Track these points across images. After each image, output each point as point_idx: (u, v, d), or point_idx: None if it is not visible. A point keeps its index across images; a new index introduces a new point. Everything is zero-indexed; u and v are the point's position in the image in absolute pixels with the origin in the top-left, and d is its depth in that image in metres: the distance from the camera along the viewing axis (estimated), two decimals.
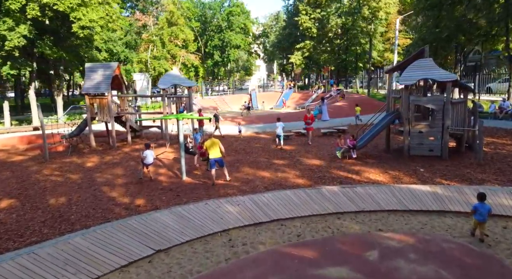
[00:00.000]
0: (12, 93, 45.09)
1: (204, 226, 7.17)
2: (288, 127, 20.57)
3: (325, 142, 16.32)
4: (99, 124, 21.40)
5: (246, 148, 15.62)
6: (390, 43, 46.89)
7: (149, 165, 11.25)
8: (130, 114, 18.18)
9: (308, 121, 16.16)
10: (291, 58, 44.59)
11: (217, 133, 18.39)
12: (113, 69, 16.96)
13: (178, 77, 16.81)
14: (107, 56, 43.43)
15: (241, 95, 40.95)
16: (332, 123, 21.29)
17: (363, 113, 24.09)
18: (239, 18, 61.18)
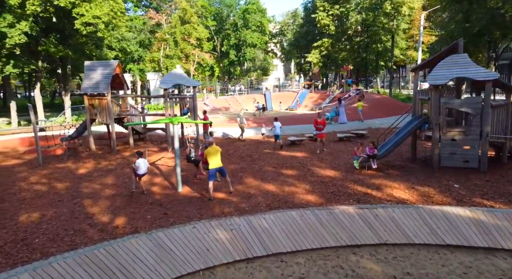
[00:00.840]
0: (31, 92, 45.22)
1: (184, 260, 5.80)
2: (301, 130, 19.06)
3: (341, 148, 14.67)
4: (104, 126, 20.44)
5: (253, 154, 14.18)
6: (414, 40, 44.39)
7: (143, 176, 9.98)
8: (131, 116, 17.07)
9: (320, 126, 13.96)
10: (308, 57, 42.81)
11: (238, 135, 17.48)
12: (113, 68, 15.86)
13: (181, 76, 15.56)
14: (120, 56, 42.97)
15: (256, 95, 39.50)
16: (350, 127, 19.56)
17: (385, 115, 22.27)
18: (255, 16, 59.78)
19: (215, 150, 9.26)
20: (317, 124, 14.03)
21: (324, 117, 19.97)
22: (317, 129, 14.11)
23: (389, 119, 20.94)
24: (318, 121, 14.04)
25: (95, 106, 16.06)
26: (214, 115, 31.05)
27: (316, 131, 14.30)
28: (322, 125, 13.98)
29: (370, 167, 11.21)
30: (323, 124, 14.05)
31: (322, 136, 14.06)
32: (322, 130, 13.96)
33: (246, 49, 59.12)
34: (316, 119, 14.19)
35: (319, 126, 13.98)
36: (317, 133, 14.17)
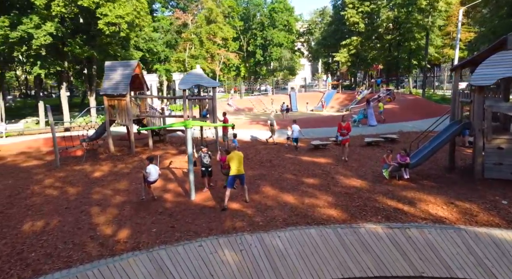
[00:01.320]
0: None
1: None
2: (327, 133, 18.02)
3: (369, 154, 13.54)
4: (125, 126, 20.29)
5: (274, 159, 13.35)
6: (450, 38, 41.86)
7: (153, 183, 9.43)
8: (151, 117, 16.70)
9: (343, 131, 12.78)
10: (336, 56, 41.36)
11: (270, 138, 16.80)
12: (133, 68, 15.53)
13: (200, 76, 14.99)
14: (148, 56, 43.39)
15: (281, 95, 38.58)
16: (379, 130, 18.29)
17: (417, 118, 20.76)
18: (282, 15, 58.82)
19: (238, 156, 8.74)
20: (341, 128, 12.92)
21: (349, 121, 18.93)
22: (341, 134, 13.01)
23: (422, 122, 19.49)
24: (342, 126, 12.90)
25: (114, 107, 15.81)
26: (236, 116, 30.47)
27: (340, 136, 13.21)
28: (347, 130, 12.78)
29: (402, 177, 10.10)
30: (347, 129, 12.82)
31: (347, 141, 12.76)
32: (346, 135, 12.72)
33: (273, 48, 58.30)
34: (340, 123, 13.07)
35: (343, 131, 12.83)
36: (341, 138, 13.01)
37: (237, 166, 8.63)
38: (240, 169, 8.69)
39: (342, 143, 12.88)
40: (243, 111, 32.48)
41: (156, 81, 44.59)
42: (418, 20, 33.07)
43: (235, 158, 8.66)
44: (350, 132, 13.04)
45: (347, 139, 12.74)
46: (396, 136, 15.58)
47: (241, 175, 8.80)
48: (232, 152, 8.80)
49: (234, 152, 8.79)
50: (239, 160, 8.72)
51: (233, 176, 8.64)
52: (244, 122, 22.74)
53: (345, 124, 12.91)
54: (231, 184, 8.70)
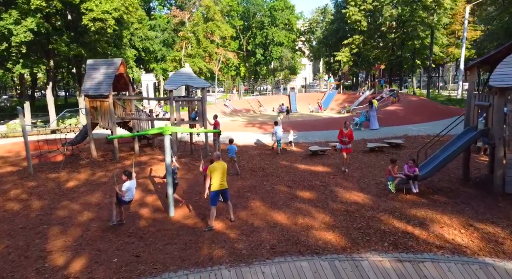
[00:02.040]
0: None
1: None
2: (327, 136, 16.79)
3: (372, 161, 12.30)
4: None
5: (268, 167, 12.13)
6: (455, 36, 40.60)
7: (128, 203, 8.08)
8: (137, 120, 15.50)
9: (345, 139, 10.94)
10: (338, 56, 40.09)
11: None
12: (116, 66, 14.33)
13: (189, 76, 13.81)
14: (144, 55, 42.26)
15: (280, 96, 37.33)
16: (383, 134, 17.04)
17: (424, 120, 19.49)
18: (283, 14, 57.61)
19: (222, 167, 7.53)
20: (342, 136, 11.04)
21: (351, 122, 17.64)
22: (341, 142, 11.17)
23: (428, 125, 18.24)
24: (344, 132, 11.03)
25: (97, 109, 14.63)
26: (232, 117, 29.27)
27: (340, 144, 11.41)
28: (348, 138, 10.96)
29: (410, 191, 8.86)
30: (349, 137, 10.97)
31: (349, 151, 11.17)
32: (347, 144, 11.00)
33: (273, 48, 57.11)
34: (342, 129, 11.16)
35: (344, 139, 10.97)
36: (341, 147, 11.21)
37: (220, 180, 7.45)
38: (223, 183, 7.51)
39: (343, 151, 11.10)
40: (240, 112, 31.27)
41: (152, 81, 43.51)
42: (423, 18, 31.76)
43: (218, 170, 7.46)
44: (353, 140, 11.33)
45: (348, 149, 11.08)
46: (401, 141, 14.32)
47: (224, 190, 7.62)
48: (216, 162, 7.61)
49: (217, 163, 7.59)
50: (223, 172, 7.53)
51: (215, 192, 7.45)
52: (240, 125, 21.53)
53: (347, 131, 11.02)
54: (214, 201, 7.49)
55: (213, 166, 7.51)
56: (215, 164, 7.55)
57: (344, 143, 11.01)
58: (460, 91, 31.70)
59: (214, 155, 7.93)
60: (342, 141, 11.07)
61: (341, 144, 11.21)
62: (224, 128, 20.35)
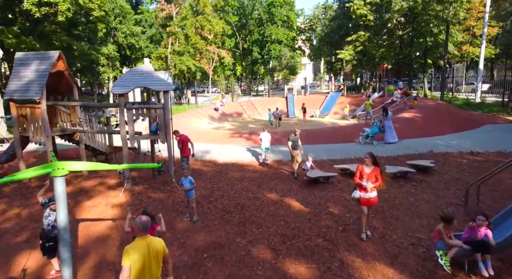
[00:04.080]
0: None
1: None
2: (330, 151, 13.22)
3: (397, 197, 8.69)
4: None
5: (248, 205, 8.55)
6: (470, 33, 36.96)
7: None
8: (85, 132, 11.89)
9: (367, 183, 6.19)
10: (340, 54, 36.51)
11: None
12: (52, 62, 10.76)
13: (147, 75, 10.27)
14: (129, 52, 38.77)
15: (277, 98, 33.69)
16: (401, 149, 13.47)
17: (448, 130, 15.89)
18: (281, 10, 54.08)
19: (148, 251, 3.83)
20: (362, 176, 6.26)
21: (361, 137, 14.10)
22: (361, 188, 6.29)
23: (456, 138, 14.67)
24: (363, 171, 6.27)
25: (27, 117, 11.07)
26: (220, 123, 25.68)
27: (358, 191, 6.36)
28: (373, 182, 6.21)
29: (476, 269, 5.27)
30: (375, 179, 6.23)
31: (373, 203, 6.39)
32: (372, 191, 6.23)
33: (271, 46, 53.59)
34: (362, 167, 6.33)
35: (365, 183, 6.18)
36: (360, 196, 6.33)
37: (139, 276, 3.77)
38: None
39: (362, 204, 6.36)
40: (230, 116, 27.71)
41: None
42: (437, 12, 28.19)
43: (140, 259, 3.77)
44: (380, 185, 6.43)
45: (372, 200, 6.29)
46: (431, 163, 10.71)
47: None
48: (137, 240, 3.92)
49: (141, 241, 3.90)
50: (151, 263, 3.83)
51: None
52: (224, 134, 17.93)
53: (370, 170, 6.23)
54: None
55: (133, 248, 3.81)
56: (136, 243, 3.86)
57: (365, 189, 6.27)
58: (479, 94, 28.12)
59: (138, 223, 4.14)
60: (362, 187, 6.32)
61: (360, 192, 6.37)
62: (204, 138, 16.78)
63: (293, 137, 10.57)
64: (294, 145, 10.56)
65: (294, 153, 10.55)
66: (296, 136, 10.57)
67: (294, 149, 10.55)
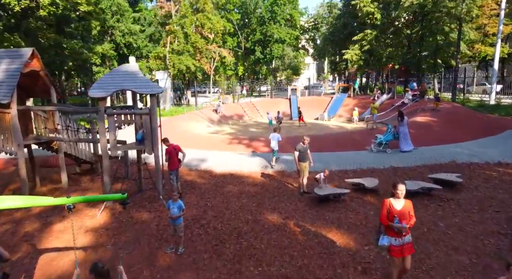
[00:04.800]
0: None
1: None
2: (339, 161, 11.83)
3: (423, 220, 7.28)
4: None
5: (245, 231, 7.19)
6: (482, 32, 35.45)
7: None
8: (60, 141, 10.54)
9: (395, 225, 4.54)
10: (346, 54, 35.04)
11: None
12: (24, 61, 9.44)
13: (131, 76, 8.94)
14: (127, 51, 37.51)
15: (280, 99, 32.24)
16: (419, 159, 12.04)
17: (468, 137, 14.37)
18: (285, 8, 52.69)
19: None
20: (393, 216, 4.58)
21: (374, 144, 12.75)
22: (388, 231, 4.68)
23: (479, 145, 13.19)
24: (394, 209, 4.59)
25: None
26: (220, 126, 24.30)
27: (390, 237, 4.64)
28: (406, 221, 4.58)
29: None
30: (406, 216, 4.59)
31: (408, 253, 4.68)
32: (405, 235, 4.61)
33: (274, 45, 52.22)
34: (389, 202, 4.65)
35: (394, 225, 4.56)
36: (390, 243, 4.64)
37: None
38: None
39: (395, 254, 4.65)
40: (230, 118, 26.34)
41: None
42: (450, 8, 26.67)
43: None
44: (413, 221, 4.69)
45: (407, 248, 4.65)
46: (457, 178, 9.29)
47: None
48: None
49: None
50: None
51: None
52: (223, 140, 16.54)
53: (401, 205, 4.62)
54: None
55: None
56: None
57: (398, 234, 4.60)
58: (494, 96, 26.58)
59: None
60: (390, 230, 4.64)
61: (390, 237, 4.64)
62: (201, 144, 15.44)
63: (300, 147, 9.16)
64: (302, 156, 9.15)
65: (302, 166, 9.14)
66: (305, 146, 9.15)
67: (301, 161, 9.15)
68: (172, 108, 31.58)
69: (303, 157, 9.15)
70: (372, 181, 9.23)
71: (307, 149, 9.20)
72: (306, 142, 9.15)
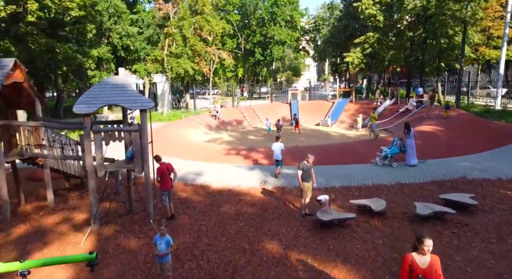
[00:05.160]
0: None
1: None
2: (344, 176, 11.17)
3: (439, 254, 6.61)
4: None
5: (240, 265, 6.54)
6: (486, 34, 34.78)
7: None
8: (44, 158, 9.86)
9: None
10: (348, 57, 34.34)
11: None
12: (5, 72, 8.76)
13: (121, 89, 8.25)
14: (124, 54, 36.87)
15: (280, 104, 31.50)
16: (427, 175, 11.38)
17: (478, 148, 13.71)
18: (285, 9, 52.06)
19: None
20: (417, 276, 3.83)
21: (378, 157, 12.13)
22: None
23: (492, 158, 12.49)
24: (418, 267, 3.84)
25: None
26: (218, 133, 23.58)
27: None
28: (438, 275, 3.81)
29: None
30: (438, 273, 3.82)
31: None
32: None
33: (274, 47, 51.58)
34: (412, 260, 3.90)
35: None
36: None
37: None
38: None
39: None
40: (229, 124, 25.68)
41: (134, 83, 38.18)
42: (454, 11, 25.99)
43: None
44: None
45: None
46: (471, 200, 8.60)
47: None
48: None
49: None
50: None
51: None
52: (219, 151, 15.84)
53: (427, 262, 3.87)
54: None
55: None
56: None
57: None
58: (499, 100, 25.93)
59: None
60: None
61: None
62: (198, 155, 14.79)
63: (304, 165, 8.48)
64: (306, 175, 8.47)
65: (305, 186, 8.48)
66: (309, 165, 8.48)
67: (304, 181, 8.48)
68: (170, 113, 30.96)
69: (307, 176, 8.49)
70: (379, 203, 8.56)
71: (311, 168, 8.53)
72: (310, 160, 8.48)
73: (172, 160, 14.73)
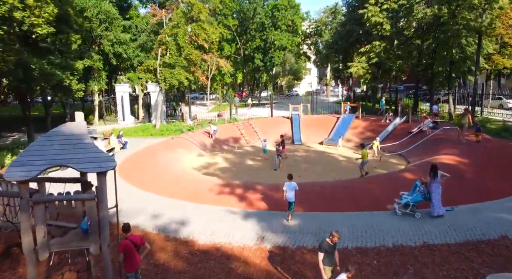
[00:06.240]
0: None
1: None
2: (353, 231, 9.21)
3: None
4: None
5: None
6: (498, 42, 32.76)
7: None
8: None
9: None
10: (352, 67, 32.35)
11: None
12: None
13: (74, 143, 6.29)
14: (116, 63, 34.92)
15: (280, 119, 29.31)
16: (459, 232, 9.41)
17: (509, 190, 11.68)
18: (286, 13, 50.17)
19: None
20: None
21: (398, 205, 10.18)
22: None
23: None
24: None
25: None
26: (211, 155, 21.38)
27: None
28: None
29: None
30: None
31: None
32: None
33: (274, 52, 49.71)
34: None
35: None
36: None
37: None
38: None
39: None
40: (225, 143, 23.64)
41: (128, 92, 36.41)
42: (468, 20, 24.03)
43: None
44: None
45: None
46: None
47: None
48: None
49: None
50: None
51: None
52: (212, 188, 13.73)
53: None
54: None
55: None
56: None
57: None
58: None
59: None
60: None
61: None
62: (183, 193, 12.74)
63: (327, 246, 6.46)
64: (328, 259, 6.47)
65: (327, 272, 6.47)
66: (333, 244, 6.50)
67: (327, 265, 6.47)
68: (163, 126, 29.02)
69: (330, 259, 6.48)
70: None
71: (335, 249, 6.53)
72: (335, 239, 6.45)
73: (155, 198, 12.85)
